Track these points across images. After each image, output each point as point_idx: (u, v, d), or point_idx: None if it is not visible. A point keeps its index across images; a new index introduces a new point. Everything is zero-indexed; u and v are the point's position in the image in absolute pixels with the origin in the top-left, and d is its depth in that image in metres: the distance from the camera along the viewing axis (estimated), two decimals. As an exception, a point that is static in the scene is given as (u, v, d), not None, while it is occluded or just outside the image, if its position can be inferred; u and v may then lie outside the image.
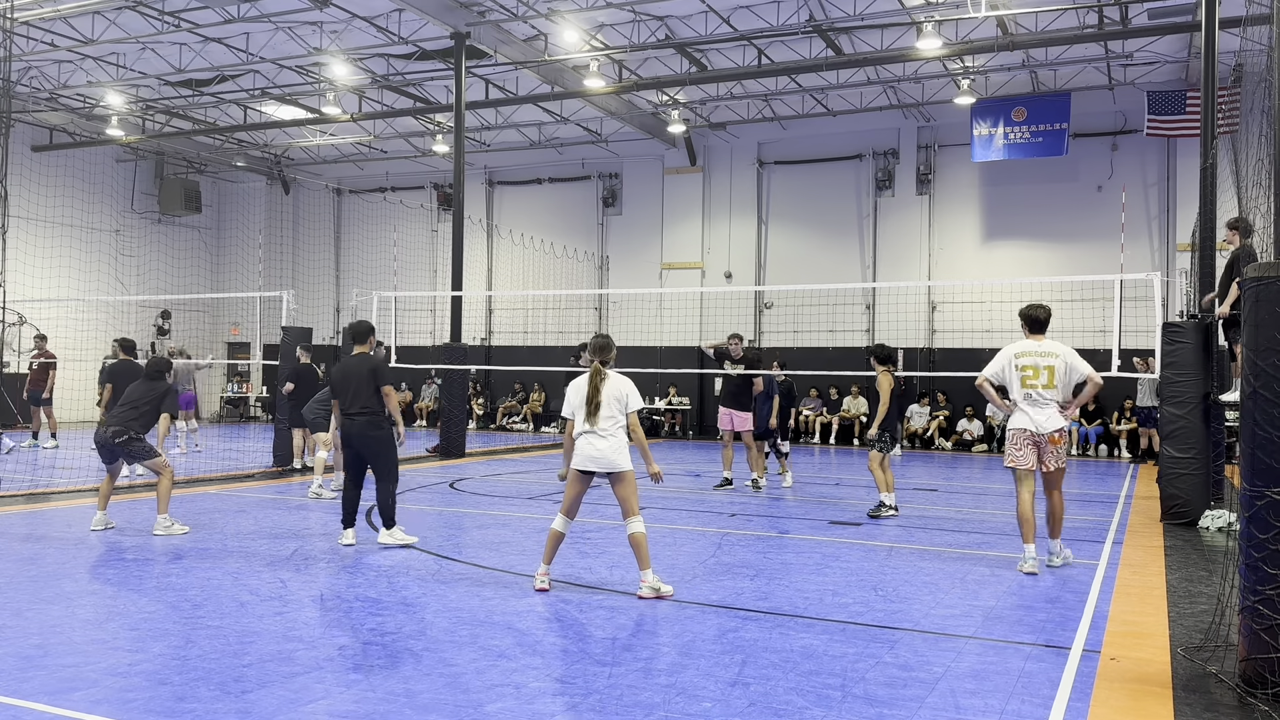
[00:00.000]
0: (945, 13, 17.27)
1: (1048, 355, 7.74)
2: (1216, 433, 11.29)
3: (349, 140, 27.15)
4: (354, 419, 8.61)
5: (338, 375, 8.89)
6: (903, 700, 4.77)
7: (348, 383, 8.72)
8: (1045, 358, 7.72)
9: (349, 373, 8.77)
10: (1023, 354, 7.81)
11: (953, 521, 10.86)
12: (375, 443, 8.62)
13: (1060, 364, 7.69)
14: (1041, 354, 7.75)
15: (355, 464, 8.76)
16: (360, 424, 8.59)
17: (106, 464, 9.55)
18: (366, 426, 8.58)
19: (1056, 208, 22.08)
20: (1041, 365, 7.70)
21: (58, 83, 22.34)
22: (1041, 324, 7.95)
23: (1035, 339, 7.90)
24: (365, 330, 9.01)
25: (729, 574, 7.74)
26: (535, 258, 26.86)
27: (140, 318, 26.64)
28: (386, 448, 8.69)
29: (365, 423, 8.59)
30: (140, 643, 5.54)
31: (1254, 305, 5.01)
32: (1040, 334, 7.93)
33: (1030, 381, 7.72)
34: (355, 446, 8.68)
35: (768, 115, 23.61)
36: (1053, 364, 7.69)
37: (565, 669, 5.19)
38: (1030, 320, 7.99)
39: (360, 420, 8.60)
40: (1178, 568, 8.21)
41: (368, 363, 8.78)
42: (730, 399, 13.54)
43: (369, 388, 8.64)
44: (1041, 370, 7.69)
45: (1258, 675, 4.80)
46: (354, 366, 8.79)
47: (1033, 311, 7.99)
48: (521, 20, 18.53)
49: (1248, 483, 4.97)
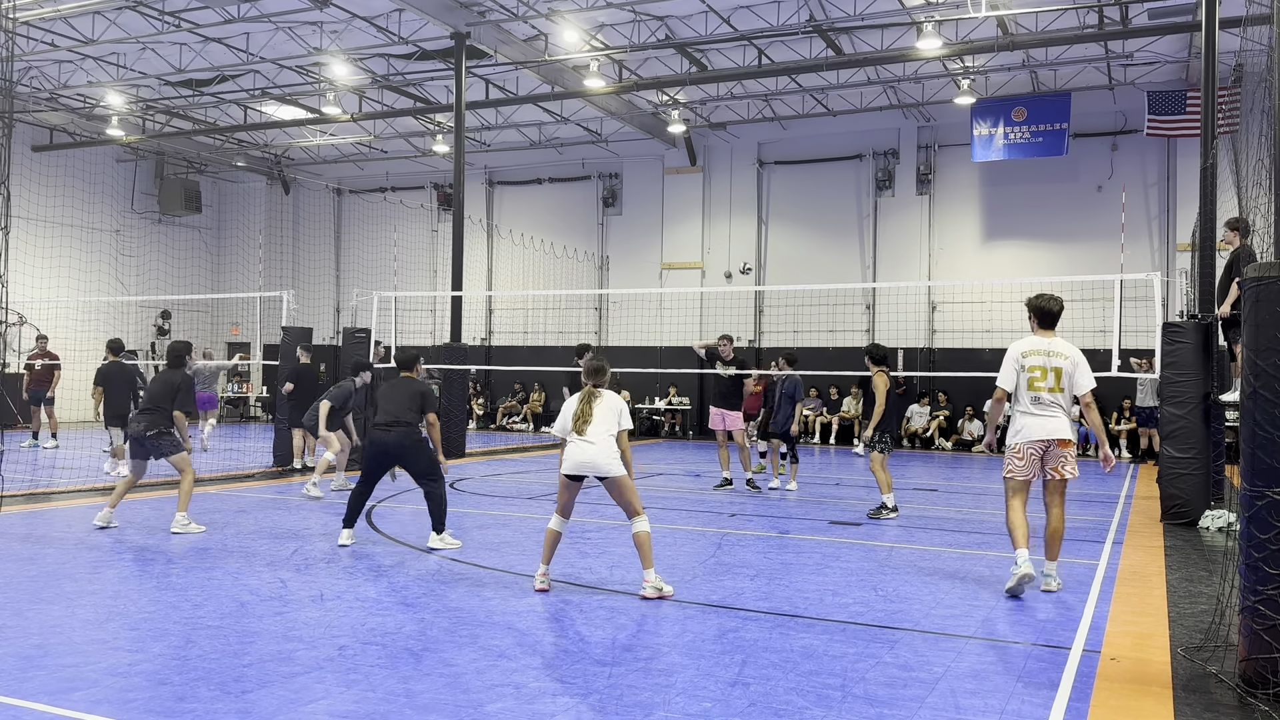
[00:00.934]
0: (945, 13, 17.27)
1: (1056, 355, 7.07)
2: (1216, 433, 11.29)
3: (349, 140, 27.15)
4: (390, 429, 8.71)
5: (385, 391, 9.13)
6: (903, 700, 4.77)
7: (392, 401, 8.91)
8: (1053, 358, 7.05)
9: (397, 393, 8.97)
10: (1030, 353, 7.11)
11: (953, 521, 10.86)
12: (415, 449, 8.74)
13: (1069, 365, 7.05)
14: (1050, 353, 7.08)
15: (378, 471, 8.91)
16: (398, 434, 8.69)
17: (134, 459, 9.60)
18: (404, 437, 8.70)
19: (1056, 208, 22.08)
20: (1049, 366, 7.03)
21: (58, 83, 22.35)
22: (1053, 318, 7.21)
23: (1044, 335, 7.19)
24: (412, 359, 9.34)
25: (729, 574, 7.74)
26: (535, 258, 26.86)
27: (140, 318, 26.66)
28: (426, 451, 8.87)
29: (403, 433, 8.70)
30: (140, 643, 5.54)
31: (1254, 305, 5.01)
32: (1050, 329, 7.22)
33: (1038, 384, 7.02)
34: (393, 456, 8.81)
35: (768, 115, 23.61)
36: (1061, 365, 7.04)
37: (565, 669, 5.19)
38: (1040, 313, 7.22)
39: (398, 430, 8.70)
40: (1178, 568, 8.21)
41: (417, 386, 9.08)
42: (722, 399, 13.57)
43: (413, 409, 8.87)
44: (1049, 372, 7.02)
45: (1258, 675, 4.80)
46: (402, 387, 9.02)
47: (1044, 303, 7.22)
48: (521, 20, 18.53)
49: (1248, 483, 4.97)
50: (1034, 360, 7.07)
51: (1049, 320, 7.24)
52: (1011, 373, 7.12)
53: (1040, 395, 7.03)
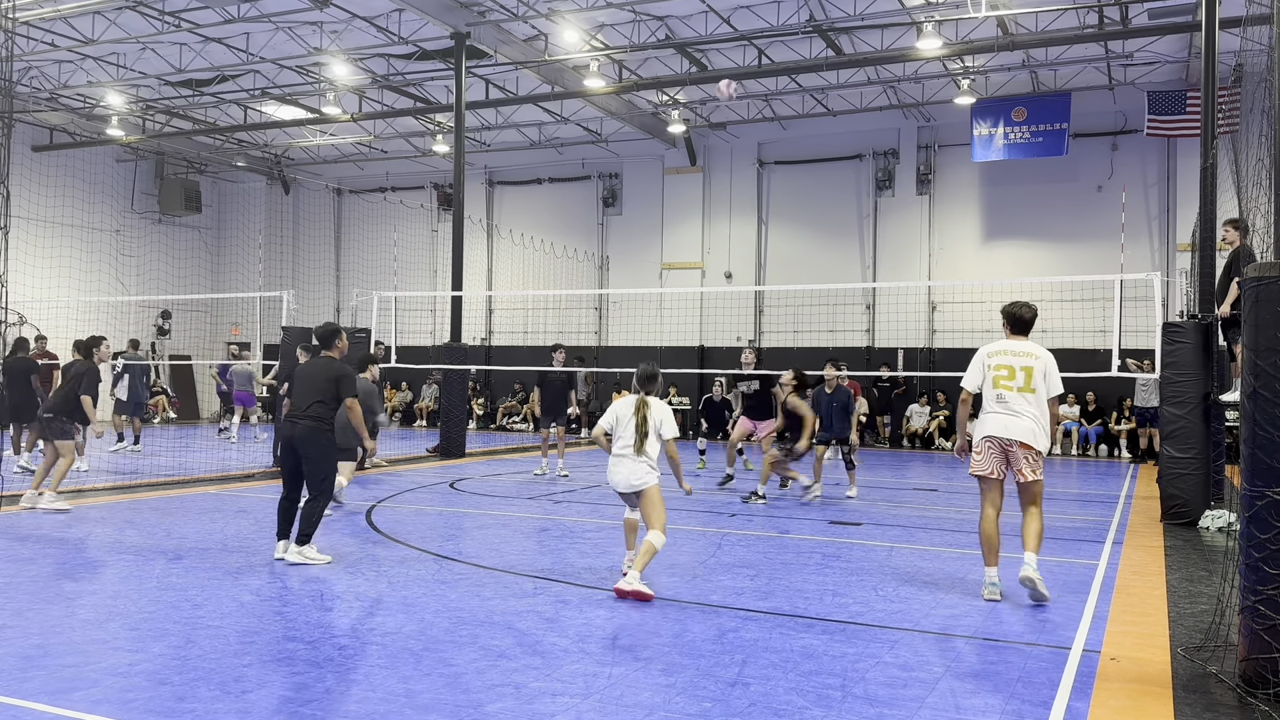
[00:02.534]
0: (945, 13, 17.27)
1: (1026, 355, 6.93)
2: (1216, 433, 11.29)
3: (349, 140, 27.15)
4: (297, 423, 7.97)
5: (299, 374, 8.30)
6: (903, 700, 4.77)
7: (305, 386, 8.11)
8: (1023, 358, 6.91)
9: (310, 376, 8.15)
10: (998, 353, 7.02)
11: (953, 521, 10.85)
12: (318, 448, 7.95)
13: (1040, 365, 6.89)
14: (1020, 354, 6.95)
15: (294, 469, 8.09)
16: (304, 428, 7.94)
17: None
18: (311, 432, 7.93)
19: (1056, 208, 22.08)
20: (1018, 366, 6.89)
21: (58, 83, 22.34)
22: (1025, 324, 7.12)
23: (1016, 339, 7.12)
24: (331, 333, 8.36)
25: (729, 574, 7.74)
26: (535, 258, 26.86)
27: (140, 318, 26.65)
28: (330, 454, 8.07)
29: (310, 427, 7.94)
30: (140, 643, 5.54)
31: (1254, 305, 5.01)
32: (1023, 335, 7.13)
33: (1003, 382, 6.90)
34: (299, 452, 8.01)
35: (768, 115, 23.61)
36: (1031, 365, 6.88)
37: (565, 669, 5.19)
38: (1013, 319, 7.15)
39: (304, 425, 7.95)
40: (1178, 568, 8.21)
41: (335, 369, 8.17)
42: (753, 411, 13.55)
43: (328, 395, 8.02)
44: (1018, 371, 6.88)
45: (1258, 675, 4.80)
46: (318, 370, 8.17)
47: (1017, 310, 7.15)
48: (521, 20, 18.54)
49: (1248, 483, 4.97)
50: (1001, 359, 6.99)
51: (1021, 327, 7.15)
52: (977, 373, 7.07)
53: (1004, 393, 6.90)
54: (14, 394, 13.81)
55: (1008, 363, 6.96)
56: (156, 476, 13.58)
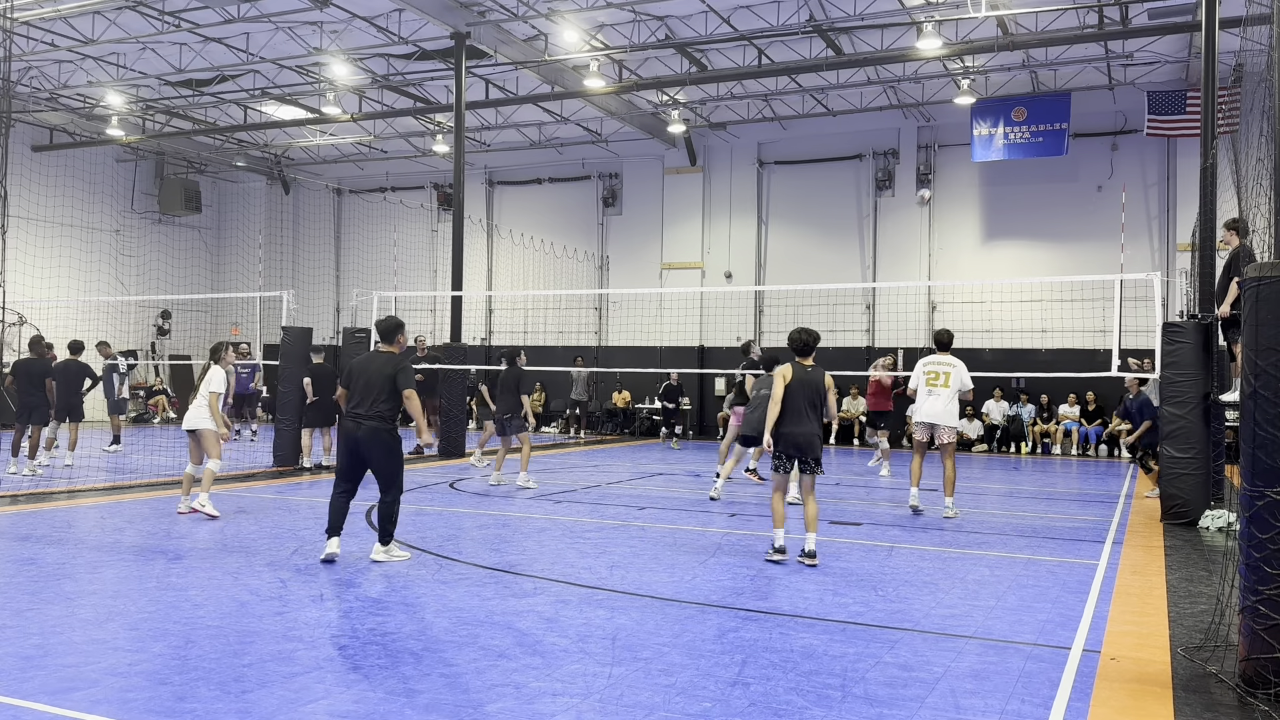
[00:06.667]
0: (945, 13, 17.27)
1: (946, 364, 11.11)
2: (1216, 433, 11.29)
3: (349, 140, 27.14)
4: (361, 422, 7.87)
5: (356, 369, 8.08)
6: (903, 700, 4.77)
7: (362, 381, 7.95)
8: (944, 366, 11.11)
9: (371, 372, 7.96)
10: (928, 363, 11.27)
11: (953, 521, 10.85)
12: (384, 448, 7.89)
13: (955, 371, 11.00)
14: (942, 364, 11.14)
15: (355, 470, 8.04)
16: (368, 428, 7.84)
17: None
18: (374, 433, 7.83)
19: (1056, 208, 22.08)
20: (941, 371, 11.09)
21: (58, 83, 22.34)
22: (946, 344, 11.27)
23: (940, 354, 11.23)
24: (394, 328, 8.18)
25: (729, 574, 7.74)
26: (535, 258, 26.86)
27: (140, 318, 26.66)
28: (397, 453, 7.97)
29: (373, 428, 7.83)
30: (140, 643, 5.54)
31: (1254, 305, 5.01)
32: (945, 351, 11.24)
33: (932, 382, 11.08)
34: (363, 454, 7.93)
35: (768, 115, 23.61)
36: (950, 371, 11.05)
37: (565, 669, 5.19)
38: (938, 341, 11.39)
39: (368, 425, 7.84)
40: (1178, 568, 8.21)
41: (394, 362, 7.96)
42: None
43: (385, 393, 7.86)
44: (940, 374, 11.07)
45: (1258, 675, 4.80)
46: (378, 366, 7.98)
47: (939, 335, 11.39)
48: (521, 20, 18.54)
49: (1248, 483, 4.97)
50: (929, 368, 11.17)
51: (943, 346, 11.29)
52: (917, 378, 11.25)
53: (933, 389, 11.07)
54: (25, 394, 13.78)
55: (934, 370, 11.13)
56: (156, 476, 13.58)
